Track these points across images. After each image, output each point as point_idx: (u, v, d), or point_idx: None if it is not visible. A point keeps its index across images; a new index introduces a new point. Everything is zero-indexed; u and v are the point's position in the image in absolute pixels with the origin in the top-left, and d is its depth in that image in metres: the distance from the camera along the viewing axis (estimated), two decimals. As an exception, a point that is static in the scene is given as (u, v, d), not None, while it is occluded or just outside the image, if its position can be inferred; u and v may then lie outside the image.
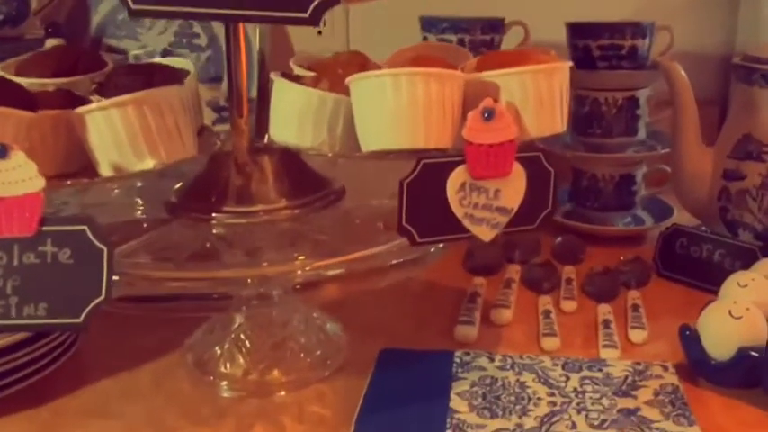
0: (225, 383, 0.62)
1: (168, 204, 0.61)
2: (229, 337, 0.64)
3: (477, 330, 0.70)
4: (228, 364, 0.63)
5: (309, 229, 0.60)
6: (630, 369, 0.63)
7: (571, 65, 0.55)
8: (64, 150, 0.54)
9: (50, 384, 0.61)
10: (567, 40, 0.93)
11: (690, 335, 0.61)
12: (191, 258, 0.56)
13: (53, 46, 0.76)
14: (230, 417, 0.58)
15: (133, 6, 0.48)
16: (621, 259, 0.82)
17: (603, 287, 0.78)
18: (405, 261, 0.55)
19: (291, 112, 0.55)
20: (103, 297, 0.46)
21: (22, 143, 0.48)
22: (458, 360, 0.64)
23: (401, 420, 0.56)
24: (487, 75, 0.54)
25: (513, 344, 0.68)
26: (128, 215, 0.64)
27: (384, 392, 0.60)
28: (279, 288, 0.55)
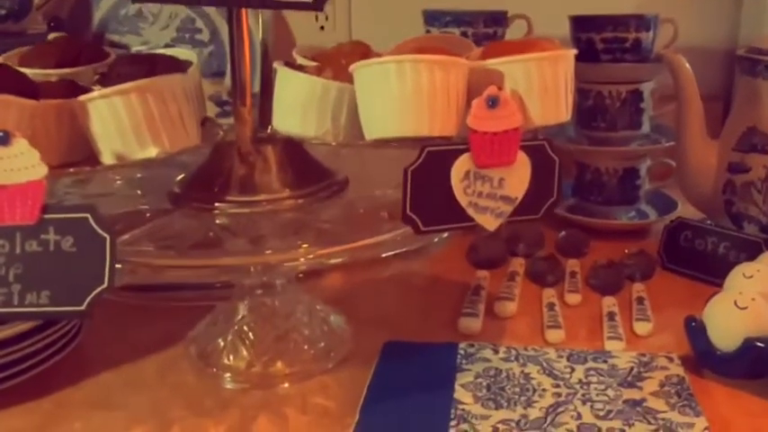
0: (228, 375, 0.62)
1: (171, 194, 0.61)
2: (233, 329, 0.64)
3: (482, 323, 0.69)
4: (232, 356, 0.63)
5: (313, 218, 0.60)
6: (636, 360, 0.62)
7: (575, 52, 0.55)
8: (67, 140, 0.53)
9: (53, 376, 0.60)
10: (570, 33, 0.93)
11: (695, 326, 0.61)
12: (193, 247, 0.56)
13: (56, 36, 0.76)
14: (234, 408, 0.58)
15: (136, -6, 0.47)
16: (626, 252, 0.82)
17: (608, 280, 0.77)
18: (408, 251, 0.55)
19: (295, 101, 0.55)
20: (106, 285, 0.46)
21: (24, 131, 0.47)
22: (462, 352, 0.64)
23: (405, 411, 0.56)
24: (492, 62, 0.53)
25: (518, 336, 0.68)
26: (131, 206, 0.64)
27: (388, 384, 0.60)
28: (282, 277, 0.54)
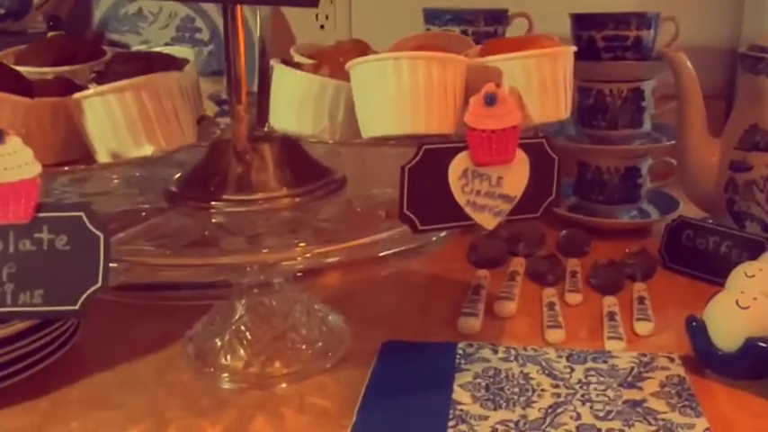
0: (226, 375, 0.61)
1: (167, 193, 0.60)
2: (230, 328, 0.64)
3: (481, 322, 0.69)
4: (229, 355, 0.63)
5: (310, 217, 0.59)
6: (636, 360, 0.62)
7: (575, 49, 0.54)
8: (63, 138, 0.53)
9: (50, 375, 0.60)
10: (571, 30, 0.92)
11: (696, 326, 0.60)
12: (190, 246, 0.56)
13: (53, 35, 0.76)
14: (231, 408, 0.57)
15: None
16: (627, 252, 0.81)
17: (609, 279, 0.77)
18: (406, 250, 0.54)
19: (292, 98, 0.54)
20: (100, 284, 0.45)
21: (18, 129, 0.47)
22: (461, 351, 0.63)
23: (404, 411, 0.56)
24: (490, 59, 0.53)
25: (517, 336, 0.68)
26: (128, 205, 0.63)
27: (386, 384, 0.59)
28: (280, 276, 0.54)
